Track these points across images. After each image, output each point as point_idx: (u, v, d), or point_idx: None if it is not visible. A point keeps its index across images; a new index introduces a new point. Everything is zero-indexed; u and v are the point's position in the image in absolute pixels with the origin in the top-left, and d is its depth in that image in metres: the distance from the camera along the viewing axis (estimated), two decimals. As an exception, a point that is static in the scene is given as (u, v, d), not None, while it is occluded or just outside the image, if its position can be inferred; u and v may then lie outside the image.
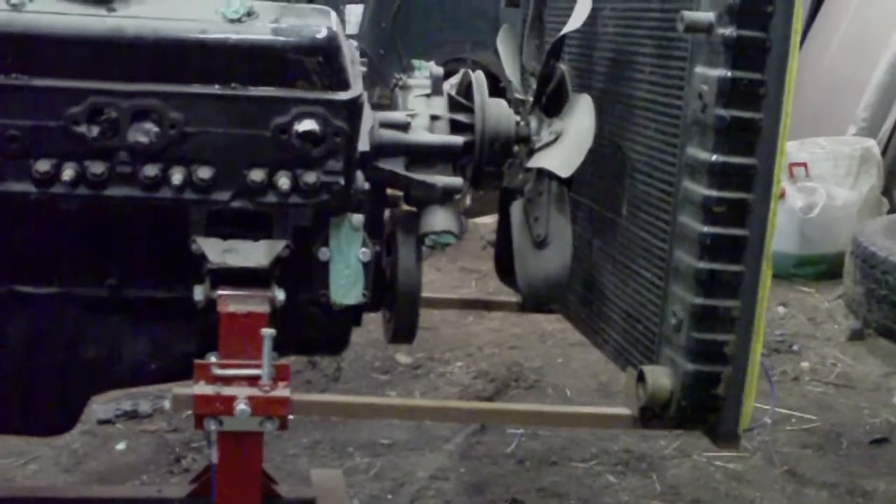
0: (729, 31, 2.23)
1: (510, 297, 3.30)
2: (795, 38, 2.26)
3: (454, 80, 2.93)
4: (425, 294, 2.83)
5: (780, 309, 5.86)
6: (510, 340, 5.21)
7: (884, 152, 7.12)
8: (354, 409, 2.66)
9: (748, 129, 2.26)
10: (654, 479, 3.91)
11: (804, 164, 6.60)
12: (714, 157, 2.26)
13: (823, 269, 6.41)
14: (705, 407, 2.36)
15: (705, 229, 2.28)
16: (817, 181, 6.58)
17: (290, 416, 2.29)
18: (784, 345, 5.33)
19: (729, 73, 2.24)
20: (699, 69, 2.31)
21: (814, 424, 4.41)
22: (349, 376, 4.65)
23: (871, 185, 6.70)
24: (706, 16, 2.26)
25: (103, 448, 3.96)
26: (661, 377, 2.36)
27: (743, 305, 2.32)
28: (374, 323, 2.90)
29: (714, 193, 2.27)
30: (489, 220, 6.23)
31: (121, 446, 3.97)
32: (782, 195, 6.23)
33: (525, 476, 3.89)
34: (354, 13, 7.16)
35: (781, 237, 6.10)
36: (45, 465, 3.82)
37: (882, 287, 5.27)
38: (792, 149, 6.60)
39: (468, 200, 6.52)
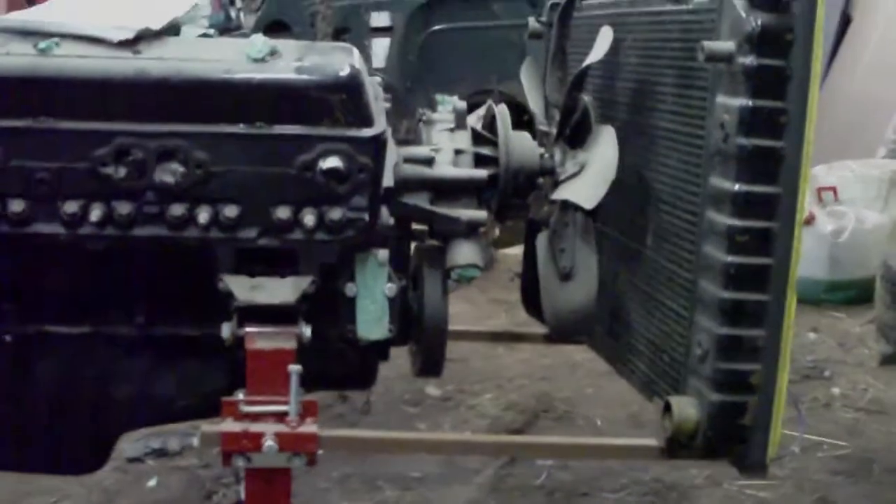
0: (749, 60, 2.24)
1: (539, 328, 3.30)
2: (816, 65, 2.26)
3: (480, 112, 2.95)
4: (454, 326, 2.84)
5: (811, 335, 5.83)
6: (540, 371, 5.20)
7: (914, 175, 7.09)
8: (382, 445, 2.67)
9: (770, 157, 2.26)
10: (685, 508, 3.89)
11: (833, 188, 6.56)
12: (737, 187, 2.26)
13: (854, 294, 6.37)
14: (732, 437, 2.35)
15: (729, 259, 2.28)
16: (847, 205, 6.54)
17: (319, 452, 2.31)
18: (815, 371, 5.30)
19: (750, 103, 2.24)
20: (720, 99, 2.31)
21: (845, 451, 4.37)
22: (379, 409, 4.65)
23: (901, 208, 6.66)
24: (726, 45, 2.26)
25: (135, 485, 3.97)
26: (686, 408, 2.36)
27: (768, 334, 2.31)
28: (403, 356, 2.91)
29: (737, 223, 2.27)
30: (517, 251, 6.22)
31: (152, 483, 3.98)
32: (811, 220, 6.28)
33: (556, 507, 3.89)
34: (381, 46, 7.21)
35: (811, 262, 6.12)
36: (78, 502, 3.83)
37: (913, 311, 5.23)
38: (820, 172, 6.58)
39: (497, 231, 6.53)
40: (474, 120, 2.89)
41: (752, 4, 2.24)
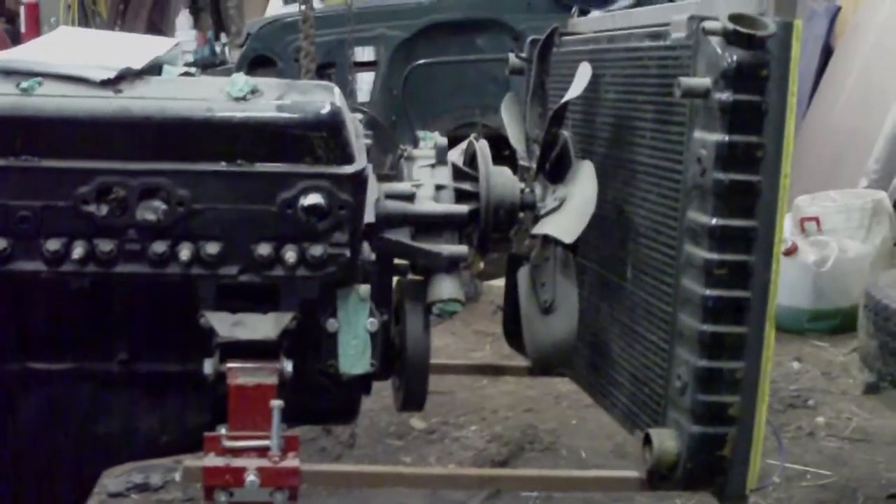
0: (725, 95, 2.27)
1: (523, 361, 3.32)
2: (792, 100, 2.29)
3: (462, 146, 2.97)
4: (438, 360, 2.85)
5: (795, 364, 5.84)
6: (525, 403, 5.20)
7: (895, 204, 7.12)
8: (365, 479, 2.68)
9: (747, 191, 2.29)
10: (670, 539, 3.90)
11: (816, 219, 6.59)
12: (714, 221, 2.29)
13: (837, 323, 6.38)
14: (712, 468, 2.37)
15: (707, 292, 2.31)
16: (829, 235, 6.56)
17: (302, 486, 2.31)
18: (799, 400, 5.30)
19: (726, 138, 2.27)
20: (697, 134, 2.34)
21: (829, 480, 4.38)
22: (364, 442, 4.65)
23: (883, 237, 6.67)
24: (703, 81, 2.29)
25: (120, 520, 3.97)
26: (666, 440, 2.37)
27: (747, 366, 2.33)
28: (387, 389, 2.92)
29: (715, 256, 2.30)
30: (503, 283, 6.24)
31: (137, 518, 3.98)
32: (794, 250, 6.30)
33: (541, 539, 3.89)
34: (365, 80, 7.24)
35: (794, 292, 6.15)
36: (63, 538, 3.82)
37: (896, 340, 5.25)
38: (803, 203, 6.61)
39: (481, 264, 6.54)
40: (456, 155, 2.91)
41: (728, 41, 2.27)
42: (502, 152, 3.15)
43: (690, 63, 2.38)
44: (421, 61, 6.70)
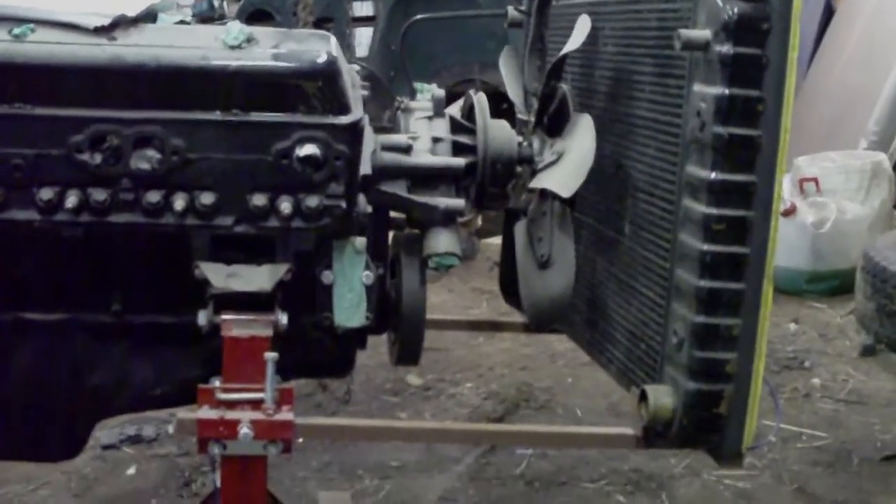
0: (725, 48, 2.24)
1: (520, 317, 3.31)
2: (793, 54, 2.27)
3: (461, 101, 2.95)
4: (434, 316, 2.84)
5: (792, 325, 5.85)
6: (520, 361, 5.21)
7: (895, 166, 7.10)
8: (359, 432, 2.67)
9: (747, 146, 2.26)
10: (664, 498, 3.89)
11: (815, 179, 6.58)
12: (713, 175, 2.27)
13: (836, 285, 6.38)
14: (707, 426, 2.35)
15: (705, 247, 2.28)
16: (828, 196, 6.55)
17: (299, 440, 2.30)
18: (795, 361, 5.32)
19: (726, 91, 2.24)
20: (697, 87, 2.31)
21: (824, 442, 4.39)
22: (360, 398, 4.65)
23: (882, 199, 6.67)
24: (703, 33, 2.26)
25: (113, 473, 3.96)
26: (662, 396, 2.36)
27: (744, 323, 2.31)
28: (384, 345, 2.91)
29: (714, 211, 2.27)
30: (500, 241, 6.23)
31: (131, 471, 3.98)
32: (793, 211, 6.30)
33: (534, 497, 3.89)
34: (364, 36, 7.20)
35: (792, 253, 6.15)
36: (56, 490, 3.82)
37: (893, 302, 5.23)
38: (802, 164, 6.60)
39: (479, 221, 6.53)
40: (454, 111, 2.88)
41: (729, -7, 2.24)
42: (500, 107, 3.12)
43: (690, 15, 2.35)
44: (419, 16, 6.65)
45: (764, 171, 2.28)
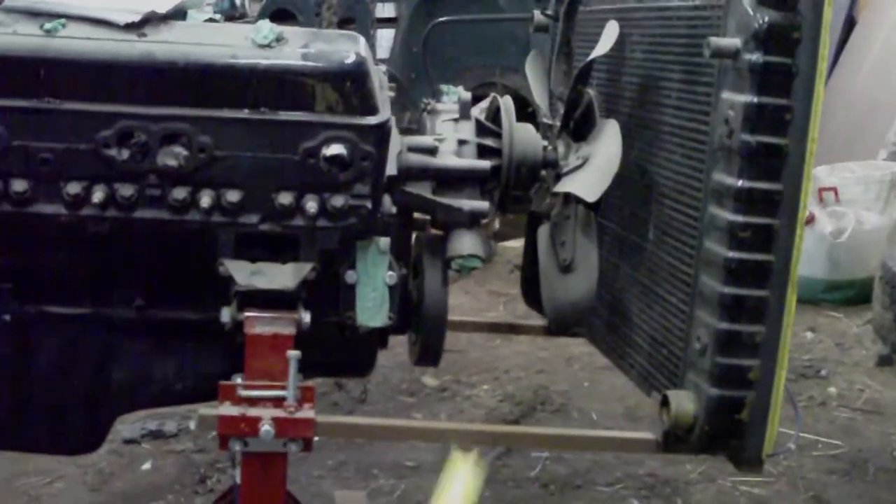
0: (755, 56, 2.24)
1: (537, 320, 3.31)
2: (822, 63, 2.27)
3: (483, 104, 2.95)
4: (452, 317, 2.83)
5: (809, 334, 5.84)
6: (537, 364, 5.20)
7: (914, 177, 7.09)
8: (378, 432, 2.67)
9: (774, 154, 2.27)
10: (679, 503, 3.89)
11: (834, 189, 6.57)
12: (740, 183, 2.27)
13: (852, 294, 6.37)
14: (729, 432, 2.35)
15: (731, 254, 2.29)
16: (847, 206, 6.54)
17: (315, 438, 2.31)
18: (811, 370, 5.30)
19: (755, 99, 2.25)
20: (725, 95, 2.32)
21: (840, 450, 4.38)
22: (376, 398, 4.66)
23: (901, 209, 6.66)
24: (732, 42, 2.27)
25: (129, 467, 3.97)
26: (684, 402, 2.36)
27: (768, 331, 2.32)
28: (401, 345, 2.91)
29: (740, 219, 2.28)
30: (517, 244, 6.22)
31: (147, 466, 3.99)
32: (812, 220, 6.28)
33: (549, 500, 3.88)
34: (385, 37, 7.21)
35: (810, 262, 6.13)
36: (72, 483, 3.83)
37: (911, 313, 5.23)
38: (822, 173, 6.58)
39: (497, 224, 6.53)
40: (478, 112, 2.89)
41: (760, 2, 2.24)
42: (523, 111, 3.12)
43: (720, 23, 2.35)
44: (442, 19, 6.65)
45: (790, 180, 2.28)
